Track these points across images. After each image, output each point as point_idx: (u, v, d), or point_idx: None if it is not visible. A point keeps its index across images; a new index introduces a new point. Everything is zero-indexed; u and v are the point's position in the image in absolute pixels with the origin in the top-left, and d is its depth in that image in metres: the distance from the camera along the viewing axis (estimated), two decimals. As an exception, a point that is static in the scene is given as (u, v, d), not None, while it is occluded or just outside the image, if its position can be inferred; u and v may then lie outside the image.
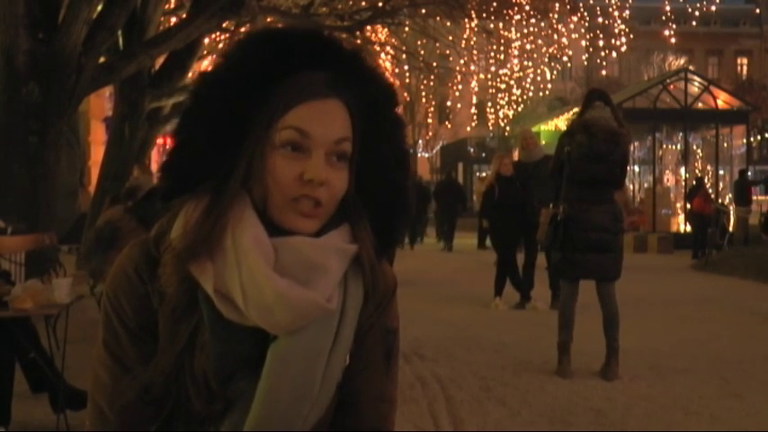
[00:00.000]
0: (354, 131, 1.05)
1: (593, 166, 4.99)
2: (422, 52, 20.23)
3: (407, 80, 29.58)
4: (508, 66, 21.86)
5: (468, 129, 36.01)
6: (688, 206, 16.46)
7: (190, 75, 11.42)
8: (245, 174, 1.02)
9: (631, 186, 20.18)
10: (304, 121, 1.01)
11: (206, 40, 12.09)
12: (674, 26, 18.30)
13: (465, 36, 18.57)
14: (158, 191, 1.09)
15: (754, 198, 18.77)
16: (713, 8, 18.05)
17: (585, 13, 20.06)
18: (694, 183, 16.23)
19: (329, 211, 1.04)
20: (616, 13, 18.61)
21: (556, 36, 20.75)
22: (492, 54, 20.58)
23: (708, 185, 16.43)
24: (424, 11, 15.67)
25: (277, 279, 0.98)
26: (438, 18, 17.09)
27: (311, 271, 1.01)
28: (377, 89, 1.09)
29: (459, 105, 27.93)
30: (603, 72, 25.82)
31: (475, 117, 33.50)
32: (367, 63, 1.10)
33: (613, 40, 19.07)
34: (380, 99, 1.09)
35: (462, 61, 20.03)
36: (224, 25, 11.22)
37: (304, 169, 1.00)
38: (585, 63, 31.97)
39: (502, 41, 19.53)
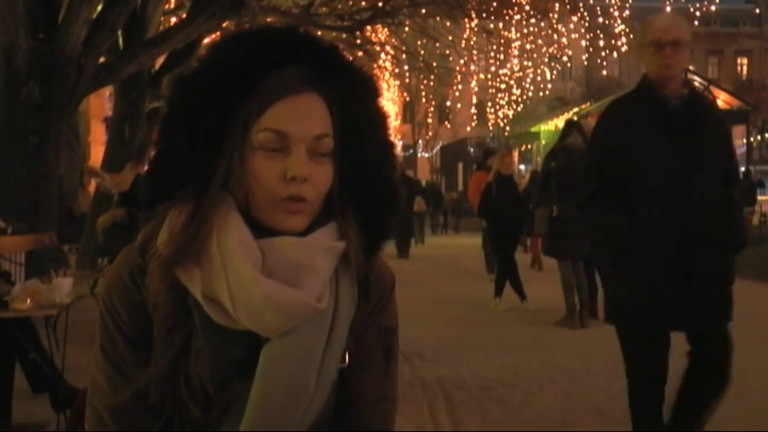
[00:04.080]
0: (335, 125, 1.04)
1: (571, 178, 6.34)
2: (422, 52, 20.23)
3: (407, 80, 29.60)
4: (508, 66, 21.85)
5: (469, 129, 35.99)
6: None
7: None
8: (227, 176, 1.01)
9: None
10: (281, 120, 1.00)
11: (206, 40, 12.08)
12: (675, 26, 18.26)
13: (465, 36, 18.56)
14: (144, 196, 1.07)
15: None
16: (713, 8, 18.04)
17: (585, 13, 20.02)
18: None
19: (316, 208, 1.03)
20: (616, 14, 18.59)
21: (556, 36, 20.72)
22: (492, 54, 20.56)
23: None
24: (424, 11, 15.65)
25: (264, 281, 0.97)
26: (438, 18, 17.08)
27: (299, 271, 1.00)
28: (356, 82, 1.07)
29: (459, 105, 27.91)
30: (604, 72, 25.81)
31: (475, 117, 33.49)
32: (344, 57, 1.08)
33: (613, 40, 19.06)
34: (361, 92, 1.07)
35: (462, 61, 20.03)
36: (224, 25, 11.22)
37: (286, 167, 0.99)
38: (585, 63, 31.96)
39: (502, 41, 19.51)
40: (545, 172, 7.09)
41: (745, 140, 19.39)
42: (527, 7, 17.70)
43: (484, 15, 17.00)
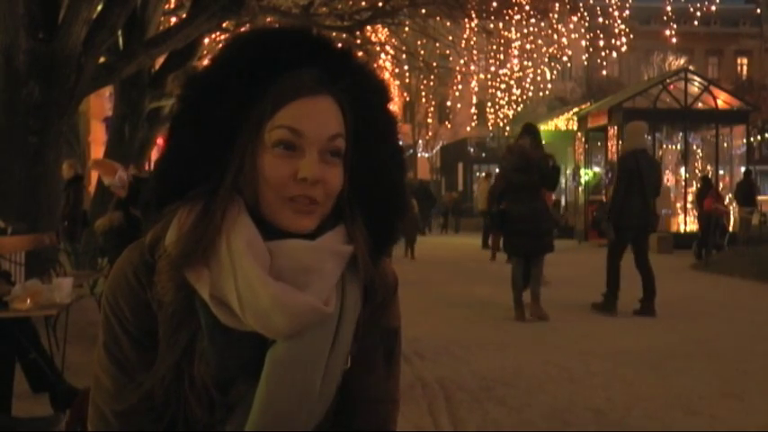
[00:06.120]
0: (347, 128, 1.04)
1: (518, 176, 7.15)
2: (422, 52, 20.23)
3: (407, 80, 29.60)
4: (508, 66, 21.84)
5: (468, 129, 36.02)
6: (689, 206, 16.36)
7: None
8: (238, 176, 1.01)
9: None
10: (295, 119, 0.99)
11: (206, 40, 12.07)
12: (675, 26, 18.29)
13: (465, 36, 18.56)
14: (148, 197, 1.06)
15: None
16: (713, 8, 18.04)
17: (585, 13, 20.04)
18: (702, 182, 16.19)
19: (326, 209, 1.03)
20: (616, 13, 18.60)
21: (556, 36, 20.73)
22: (492, 54, 20.55)
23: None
24: (424, 11, 15.66)
25: (272, 283, 0.96)
26: (438, 18, 17.09)
27: (307, 274, 0.99)
28: (368, 85, 1.08)
29: (459, 105, 27.91)
30: (603, 72, 25.81)
31: (475, 117, 33.51)
32: (358, 60, 1.08)
33: (613, 40, 19.05)
34: (372, 95, 1.08)
35: (462, 61, 20.04)
36: (224, 25, 11.22)
37: (298, 168, 0.99)
38: (585, 63, 31.97)
39: (502, 41, 19.51)
40: (500, 172, 7.85)
41: (745, 140, 19.35)
42: (527, 7, 17.72)
43: (484, 15, 17.01)
